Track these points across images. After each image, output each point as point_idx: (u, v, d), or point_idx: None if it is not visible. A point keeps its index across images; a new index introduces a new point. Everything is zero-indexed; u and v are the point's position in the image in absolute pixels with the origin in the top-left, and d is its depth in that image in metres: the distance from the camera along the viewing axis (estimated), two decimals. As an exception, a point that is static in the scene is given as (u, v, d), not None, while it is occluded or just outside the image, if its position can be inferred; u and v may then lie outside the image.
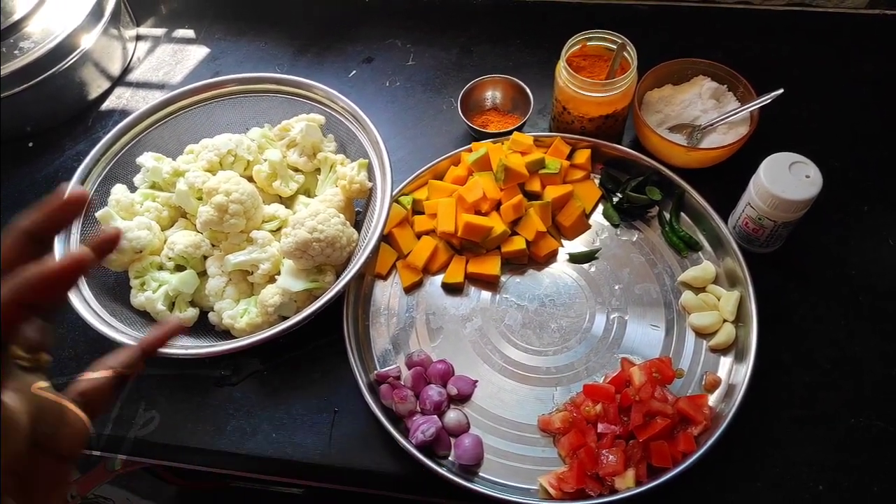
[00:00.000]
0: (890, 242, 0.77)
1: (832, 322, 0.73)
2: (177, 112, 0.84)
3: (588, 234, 0.80)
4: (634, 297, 0.75)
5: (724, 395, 0.68)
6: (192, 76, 1.02)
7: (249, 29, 1.06)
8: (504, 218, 0.77)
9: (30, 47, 0.89)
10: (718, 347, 0.71)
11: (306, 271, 0.72)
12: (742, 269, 0.72)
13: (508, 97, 0.90)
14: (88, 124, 0.98)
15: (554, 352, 0.73)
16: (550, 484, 0.64)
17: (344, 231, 0.72)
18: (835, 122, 0.87)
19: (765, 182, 0.68)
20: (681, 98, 0.83)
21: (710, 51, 0.87)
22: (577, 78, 0.77)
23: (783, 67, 0.92)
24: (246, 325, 0.71)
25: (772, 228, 0.72)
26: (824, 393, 0.69)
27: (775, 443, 0.67)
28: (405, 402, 0.68)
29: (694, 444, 0.63)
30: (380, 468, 0.68)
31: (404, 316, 0.77)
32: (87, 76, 0.98)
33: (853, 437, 0.66)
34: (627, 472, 0.62)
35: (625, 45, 0.78)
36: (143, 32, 1.09)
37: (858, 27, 0.95)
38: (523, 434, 0.68)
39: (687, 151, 0.79)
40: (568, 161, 0.82)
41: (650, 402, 0.65)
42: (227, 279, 0.75)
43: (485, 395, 0.71)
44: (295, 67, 1.01)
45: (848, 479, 0.65)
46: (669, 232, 0.78)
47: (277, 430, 0.71)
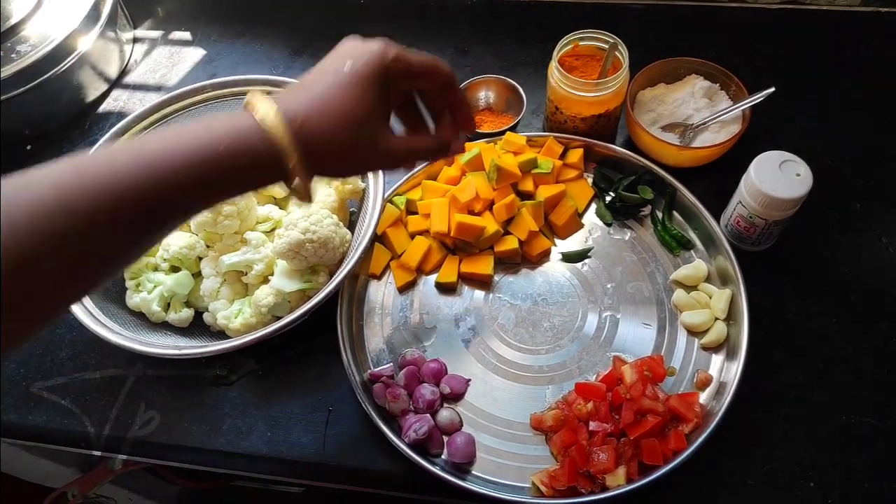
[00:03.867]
0: (882, 240, 0.77)
1: (823, 320, 0.73)
2: (173, 114, 0.84)
3: (581, 233, 0.81)
4: (627, 295, 0.76)
5: (715, 392, 0.69)
6: (189, 78, 1.03)
7: (246, 31, 1.07)
8: (497, 218, 0.78)
9: (27, 51, 0.90)
10: (710, 345, 0.71)
11: (300, 272, 0.73)
12: (734, 267, 0.72)
13: (502, 97, 0.90)
14: (86, 127, 0.99)
15: (546, 350, 0.73)
16: (542, 482, 0.64)
17: (337, 232, 0.73)
18: (827, 121, 0.87)
19: (755, 180, 0.69)
20: (673, 97, 0.84)
21: (703, 49, 0.87)
22: (568, 78, 0.77)
23: (775, 66, 0.92)
24: (240, 325, 0.72)
25: (763, 227, 0.72)
26: (815, 391, 0.69)
27: (766, 440, 0.67)
28: (398, 400, 0.68)
29: (685, 442, 0.64)
30: (374, 467, 0.69)
31: (398, 315, 0.77)
32: (85, 79, 0.98)
33: (844, 434, 0.67)
34: (618, 469, 0.63)
35: (616, 44, 0.78)
36: (140, 35, 1.09)
37: (852, 25, 0.95)
38: (516, 432, 0.69)
39: (679, 150, 0.79)
40: (561, 160, 0.82)
41: (641, 400, 0.66)
42: (222, 280, 0.76)
43: (478, 393, 0.71)
44: (291, 69, 1.01)
45: (839, 476, 0.65)
46: (662, 231, 0.78)
47: (272, 429, 0.72)
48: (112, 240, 0.40)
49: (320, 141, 0.45)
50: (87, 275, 0.41)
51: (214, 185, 0.44)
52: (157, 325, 0.76)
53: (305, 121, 0.45)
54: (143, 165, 0.40)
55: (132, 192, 0.40)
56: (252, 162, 0.44)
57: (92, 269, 0.41)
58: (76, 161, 0.40)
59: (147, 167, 0.40)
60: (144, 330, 0.74)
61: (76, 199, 0.38)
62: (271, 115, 0.44)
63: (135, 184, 0.40)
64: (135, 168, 0.40)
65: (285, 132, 0.44)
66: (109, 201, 0.39)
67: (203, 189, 0.43)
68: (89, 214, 0.38)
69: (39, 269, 0.37)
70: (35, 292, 0.38)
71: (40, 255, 0.37)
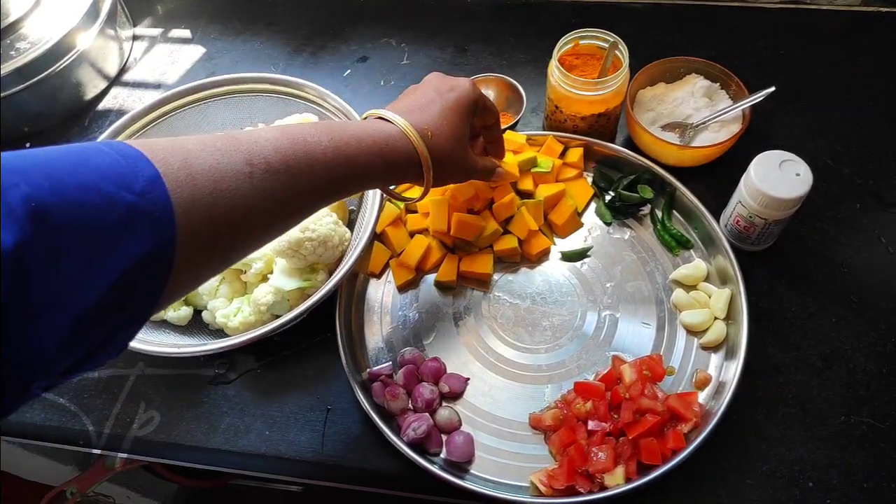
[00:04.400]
0: (881, 240, 0.77)
1: (823, 320, 0.73)
2: (172, 112, 0.84)
3: (580, 232, 0.81)
4: (626, 295, 0.76)
5: (714, 392, 0.69)
6: (188, 76, 1.03)
7: (245, 29, 1.07)
8: (496, 216, 0.78)
9: (26, 48, 0.90)
10: (709, 345, 0.71)
11: (299, 270, 0.73)
12: (733, 267, 0.72)
13: (502, 96, 0.90)
14: (85, 124, 0.99)
15: (546, 349, 0.73)
16: (541, 481, 0.64)
17: (336, 230, 0.73)
18: (827, 120, 0.87)
19: (755, 180, 0.69)
20: (673, 96, 0.84)
21: (703, 49, 0.87)
22: (568, 77, 0.77)
23: (776, 65, 0.92)
24: (239, 323, 0.72)
25: (763, 226, 0.72)
26: (815, 391, 0.69)
27: (765, 440, 0.67)
28: (397, 399, 0.68)
29: (684, 442, 0.64)
30: (372, 466, 0.69)
31: (397, 314, 0.77)
32: (84, 76, 0.98)
33: (843, 434, 0.67)
34: (617, 469, 0.63)
35: (616, 43, 0.78)
36: (140, 32, 1.09)
37: (852, 25, 0.95)
38: (514, 431, 0.69)
39: (679, 150, 0.79)
40: (560, 159, 0.82)
41: (640, 399, 0.65)
42: (221, 278, 0.76)
43: (477, 392, 0.71)
44: (290, 67, 1.01)
45: (837, 476, 0.65)
46: (661, 230, 0.78)
47: (271, 427, 0.72)
48: (302, 205, 0.52)
49: (441, 151, 0.60)
50: (283, 217, 0.51)
51: (376, 175, 0.57)
52: (156, 324, 0.75)
53: (432, 134, 0.59)
54: (340, 155, 0.52)
55: (328, 171, 0.51)
56: (402, 160, 0.57)
57: (286, 218, 0.52)
58: (292, 133, 0.51)
59: (343, 154, 0.53)
60: (143, 328, 0.74)
61: (293, 164, 0.49)
62: (409, 128, 0.58)
63: (333, 164, 0.52)
64: (333, 153, 0.52)
65: (420, 141, 0.58)
66: (311, 174, 0.50)
67: (368, 176, 0.56)
68: (299, 180, 0.49)
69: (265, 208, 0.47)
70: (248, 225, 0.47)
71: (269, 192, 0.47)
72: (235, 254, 0.48)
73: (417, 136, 0.57)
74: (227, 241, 0.45)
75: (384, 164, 0.56)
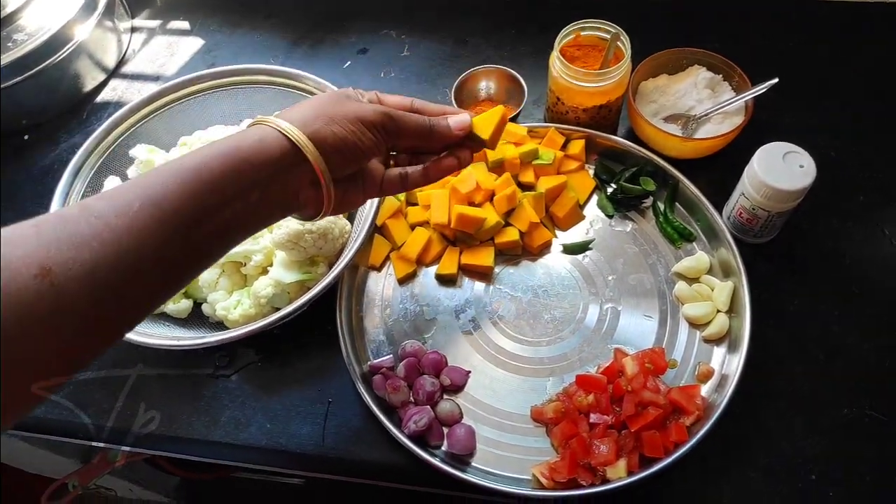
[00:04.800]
0: (885, 232, 0.77)
1: (826, 312, 0.73)
2: (170, 104, 0.84)
3: (582, 224, 0.80)
4: (628, 287, 0.75)
5: (716, 385, 0.68)
6: (187, 68, 1.02)
7: (244, 21, 1.06)
8: (497, 209, 0.77)
9: (23, 39, 0.89)
10: (712, 338, 0.71)
11: (299, 263, 0.73)
12: (736, 259, 0.72)
13: (503, 88, 0.89)
14: (84, 116, 0.98)
15: (547, 342, 0.73)
16: (542, 474, 0.64)
17: (336, 222, 0.73)
18: (831, 112, 0.86)
19: (758, 172, 0.68)
20: (676, 88, 0.83)
21: (706, 40, 0.86)
22: (570, 68, 0.76)
23: (779, 56, 0.92)
24: (239, 316, 0.71)
25: (766, 219, 0.72)
26: (817, 383, 0.69)
27: (768, 433, 0.67)
28: (398, 392, 0.68)
29: (686, 435, 0.64)
30: (373, 458, 0.69)
31: (398, 307, 0.77)
32: (82, 68, 0.98)
33: (846, 426, 0.67)
34: (619, 461, 0.62)
35: (619, 34, 0.77)
36: (138, 24, 1.08)
37: (857, 16, 0.94)
38: (516, 424, 0.69)
39: (682, 142, 0.78)
40: (562, 151, 0.81)
41: (642, 392, 0.65)
42: (221, 271, 0.75)
43: (478, 385, 0.71)
44: (290, 59, 1.00)
45: (840, 468, 0.65)
46: (663, 222, 0.78)
47: (272, 420, 0.72)
48: (177, 252, 0.44)
49: (327, 141, 0.50)
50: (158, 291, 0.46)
51: (247, 186, 0.47)
52: (156, 316, 0.75)
53: (313, 127, 0.50)
54: (181, 177, 0.44)
55: (177, 203, 0.43)
56: (275, 158, 0.48)
57: (159, 291, 0.46)
58: (120, 190, 0.44)
59: (184, 178, 0.45)
60: (143, 321, 0.74)
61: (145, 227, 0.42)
62: (282, 121, 0.49)
63: (179, 194, 0.44)
64: (177, 182, 0.44)
65: (298, 132, 0.49)
66: (160, 215, 0.42)
67: (239, 192, 0.47)
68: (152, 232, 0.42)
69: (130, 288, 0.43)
70: (113, 309, 0.44)
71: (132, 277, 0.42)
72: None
73: (291, 126, 0.49)
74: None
75: (248, 170, 0.47)
